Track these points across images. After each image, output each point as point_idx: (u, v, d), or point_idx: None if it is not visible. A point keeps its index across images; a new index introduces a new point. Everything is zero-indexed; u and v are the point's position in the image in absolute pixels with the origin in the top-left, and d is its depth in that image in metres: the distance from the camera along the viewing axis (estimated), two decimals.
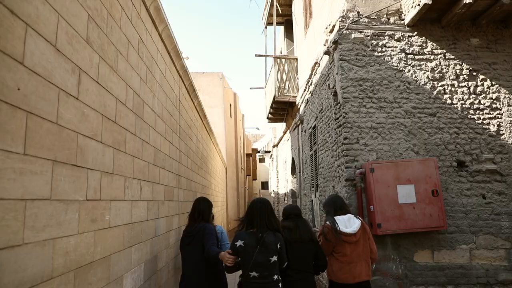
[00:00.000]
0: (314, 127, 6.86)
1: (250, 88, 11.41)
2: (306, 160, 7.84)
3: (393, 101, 4.70)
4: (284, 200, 11.82)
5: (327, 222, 3.12)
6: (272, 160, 16.09)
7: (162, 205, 3.77)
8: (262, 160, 34.39)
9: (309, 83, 7.24)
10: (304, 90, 7.74)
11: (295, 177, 10.26)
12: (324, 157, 5.93)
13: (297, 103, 8.90)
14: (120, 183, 2.51)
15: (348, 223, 3.06)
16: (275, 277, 2.64)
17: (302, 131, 8.38)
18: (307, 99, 7.58)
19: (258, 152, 31.90)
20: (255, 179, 30.49)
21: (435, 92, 4.75)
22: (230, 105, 21.58)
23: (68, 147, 1.76)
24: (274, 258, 2.63)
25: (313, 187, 7.02)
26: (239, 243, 2.67)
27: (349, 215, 3.15)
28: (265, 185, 32.79)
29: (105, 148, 2.25)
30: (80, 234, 1.87)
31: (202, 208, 3.44)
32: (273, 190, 15.38)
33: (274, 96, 9.23)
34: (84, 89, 1.98)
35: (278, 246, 2.67)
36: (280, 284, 2.66)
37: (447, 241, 4.30)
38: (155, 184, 3.48)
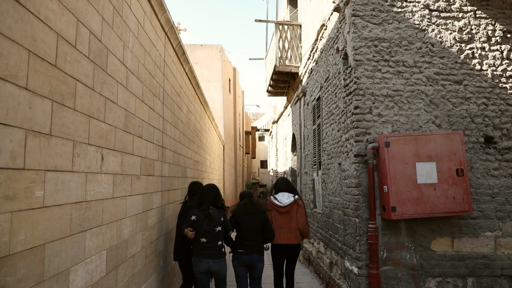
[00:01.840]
0: (318, 98, 6.19)
1: (250, 59, 10.62)
2: (308, 135, 7.21)
3: (413, 66, 4.02)
4: None
5: (270, 197, 4.12)
6: (272, 138, 15.48)
7: (137, 180, 3.17)
8: (261, 138, 33.83)
9: (314, 50, 6.51)
10: (308, 59, 7.01)
11: (295, 155, 9.67)
12: (329, 131, 5.29)
13: (299, 74, 8.18)
14: (65, 149, 1.88)
15: (282, 199, 3.98)
16: (219, 242, 3.48)
17: (304, 104, 7.71)
18: (311, 68, 6.86)
19: (258, 130, 31.28)
20: (254, 158, 30.04)
21: (462, 56, 4.06)
22: (229, 80, 20.77)
23: None
24: (219, 228, 3.46)
25: (315, 164, 6.42)
26: (193, 217, 3.50)
27: (287, 193, 4.04)
28: (264, 164, 32.37)
29: (34, 98, 1.61)
30: None
31: (194, 190, 4.14)
32: (272, 169, 14.84)
33: (275, 66, 8.49)
34: None
35: (222, 219, 3.50)
36: (223, 249, 3.50)
37: (469, 227, 3.73)
38: (126, 154, 2.86)
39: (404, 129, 3.86)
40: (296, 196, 3.99)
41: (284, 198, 3.97)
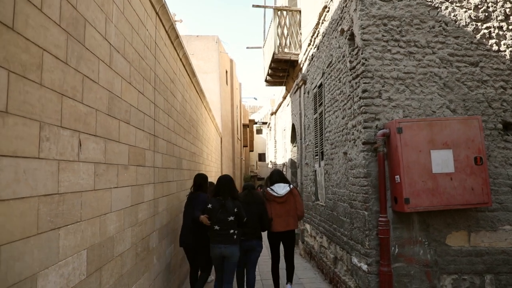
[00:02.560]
0: (320, 85, 5.86)
1: (247, 48, 10.25)
2: (309, 125, 6.90)
3: (426, 46, 3.70)
4: (283, 171, 10.99)
5: (267, 189, 4.38)
6: (270, 129, 15.16)
7: (125, 171, 2.86)
8: (259, 131, 33.53)
9: (315, 35, 6.16)
10: (309, 44, 6.67)
11: (295, 146, 9.37)
12: (333, 119, 4.98)
13: (299, 61, 7.85)
14: (28, 131, 1.57)
15: (279, 189, 4.28)
16: (231, 231, 3.70)
17: (304, 93, 7.38)
18: (312, 54, 6.53)
19: (256, 123, 30.93)
20: (252, 151, 29.76)
21: (478, 36, 3.74)
22: (227, 71, 20.37)
23: None
24: (231, 218, 3.69)
25: (317, 155, 6.13)
26: (209, 206, 3.80)
27: (283, 184, 4.35)
28: (262, 157, 32.10)
29: None
30: None
31: (199, 182, 4.54)
32: (271, 161, 14.55)
33: (274, 54, 8.15)
34: None
35: (235, 210, 3.72)
36: (235, 236, 3.70)
37: (487, 220, 3.45)
38: (110, 141, 2.54)
39: (416, 114, 3.55)
40: (291, 186, 4.38)
41: (280, 189, 4.31)
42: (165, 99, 4.47)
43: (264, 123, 30.60)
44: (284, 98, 10.67)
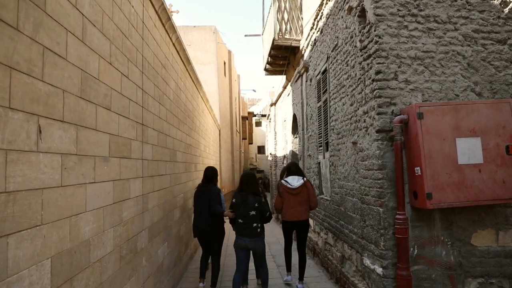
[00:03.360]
0: (324, 71, 5.45)
1: (245, 36, 9.79)
2: (312, 114, 6.50)
3: (447, 21, 3.29)
4: (283, 163, 10.61)
5: (281, 181, 4.58)
6: (270, 121, 14.75)
7: (105, 164, 2.47)
8: (258, 124, 33.13)
9: (319, 17, 5.73)
10: (311, 29, 6.24)
11: (296, 137, 8.98)
12: (339, 106, 4.58)
13: (300, 47, 7.41)
14: None
15: (293, 182, 4.48)
16: (254, 224, 3.86)
17: (306, 81, 6.97)
18: (315, 39, 6.10)
19: (255, 116, 30.50)
20: (251, 143, 29.39)
21: (506, 10, 3.33)
22: (225, 63, 19.89)
23: None
24: (253, 212, 3.85)
25: (321, 146, 5.73)
26: (233, 200, 4.02)
27: (297, 177, 4.54)
28: (261, 150, 31.75)
29: None
30: None
31: (210, 175, 4.84)
32: (270, 153, 14.17)
33: (274, 40, 7.71)
34: None
35: (256, 205, 3.88)
36: (259, 230, 3.89)
37: None
38: (84, 129, 2.15)
39: (437, 98, 3.16)
40: (305, 179, 4.57)
41: (295, 181, 4.52)
42: (156, 85, 4.06)
43: (263, 115, 30.15)
44: (285, 87, 10.24)
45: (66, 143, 1.92)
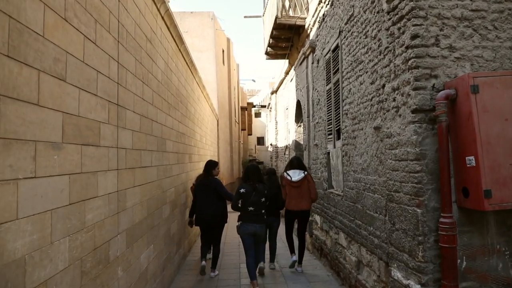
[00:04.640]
0: (336, 48, 4.76)
1: (245, 17, 9.04)
2: (319, 99, 5.82)
3: None
4: (285, 154, 9.95)
5: (284, 173, 5.10)
6: (270, 110, 14.05)
7: (55, 152, 1.80)
8: (258, 115, 32.42)
9: None
10: (319, 2, 5.52)
11: (300, 125, 8.30)
12: (355, 86, 3.91)
13: (306, 26, 6.69)
14: None
15: (294, 175, 4.96)
16: (263, 211, 4.33)
17: (313, 63, 6.27)
18: (324, 13, 5.40)
19: (254, 106, 29.76)
20: (251, 134, 28.71)
21: None
22: (223, 51, 19.09)
23: None
24: (263, 199, 4.31)
25: (330, 134, 5.07)
26: (242, 190, 4.32)
27: (298, 170, 5.02)
28: (261, 141, 31.11)
29: None
30: None
31: (207, 168, 5.23)
32: (271, 144, 13.50)
33: (276, 18, 6.98)
34: None
35: (265, 192, 4.37)
36: (264, 216, 4.36)
37: None
38: (13, 101, 1.48)
39: (490, 68, 2.49)
40: (306, 172, 5.00)
41: (296, 175, 4.94)
42: (138, 61, 3.39)
43: (263, 106, 29.38)
44: (287, 73, 9.53)
45: None
